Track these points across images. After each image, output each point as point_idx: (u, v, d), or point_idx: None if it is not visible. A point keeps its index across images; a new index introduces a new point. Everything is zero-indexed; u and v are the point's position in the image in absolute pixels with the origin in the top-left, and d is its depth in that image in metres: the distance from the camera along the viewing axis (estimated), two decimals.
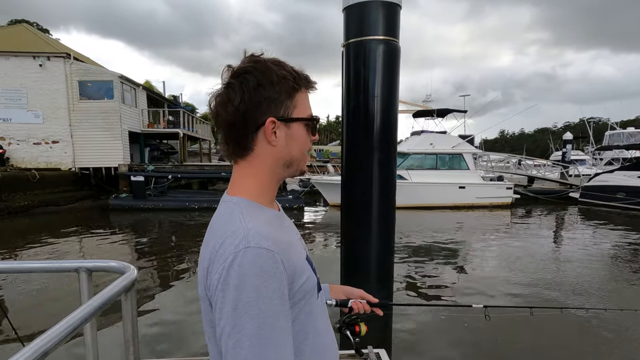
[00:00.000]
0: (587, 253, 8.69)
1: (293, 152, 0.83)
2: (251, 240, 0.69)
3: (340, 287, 1.25)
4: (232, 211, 0.77)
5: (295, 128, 0.82)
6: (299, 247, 0.85)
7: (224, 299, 0.67)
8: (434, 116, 19.80)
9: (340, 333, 1.23)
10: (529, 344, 4.08)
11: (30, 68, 15.84)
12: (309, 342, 0.81)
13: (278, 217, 0.85)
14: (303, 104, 0.83)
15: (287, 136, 0.81)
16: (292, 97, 0.80)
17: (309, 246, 8.14)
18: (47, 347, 0.84)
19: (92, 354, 1.64)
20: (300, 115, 0.82)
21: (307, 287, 0.79)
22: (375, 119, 3.06)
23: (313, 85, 0.85)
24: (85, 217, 13.46)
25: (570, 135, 27.15)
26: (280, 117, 0.79)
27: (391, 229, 3.30)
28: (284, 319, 0.70)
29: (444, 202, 15.79)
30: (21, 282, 6.13)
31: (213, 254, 0.72)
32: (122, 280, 1.44)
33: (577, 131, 44.88)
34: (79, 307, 1.11)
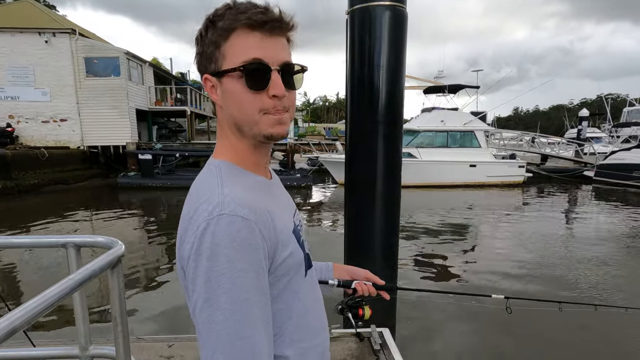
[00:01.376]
0: (602, 239, 8.49)
1: (233, 112, 0.71)
2: (225, 207, 0.63)
3: (345, 266, 1.17)
4: (211, 175, 0.71)
5: (227, 83, 0.69)
6: (285, 218, 0.76)
7: (196, 270, 0.62)
8: (445, 92, 19.31)
9: (342, 315, 1.14)
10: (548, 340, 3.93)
11: (36, 44, 15.78)
12: (293, 322, 0.75)
13: (264, 183, 0.77)
14: (235, 51, 0.67)
15: (223, 94, 0.71)
16: (219, 46, 0.68)
17: (315, 226, 8.16)
18: (22, 320, 0.84)
19: (82, 330, 1.62)
20: (230, 66, 0.67)
21: (291, 262, 0.72)
22: (381, 91, 2.92)
23: (256, 18, 0.65)
24: (94, 195, 13.64)
25: (587, 112, 26.33)
26: (212, 72, 0.71)
27: (396, 206, 3.20)
28: (261, 294, 0.64)
29: (454, 181, 15.59)
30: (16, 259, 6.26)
31: (187, 221, 0.67)
32: (108, 255, 1.40)
33: (594, 108, 43.57)
34: (61, 280, 1.08)
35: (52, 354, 1.74)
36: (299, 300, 0.76)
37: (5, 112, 15.97)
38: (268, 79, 0.68)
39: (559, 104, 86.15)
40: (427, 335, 4.07)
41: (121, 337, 1.47)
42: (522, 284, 5.47)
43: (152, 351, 2.62)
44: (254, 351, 0.62)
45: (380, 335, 2.80)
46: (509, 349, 3.81)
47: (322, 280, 1.08)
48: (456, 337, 4.05)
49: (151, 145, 16.25)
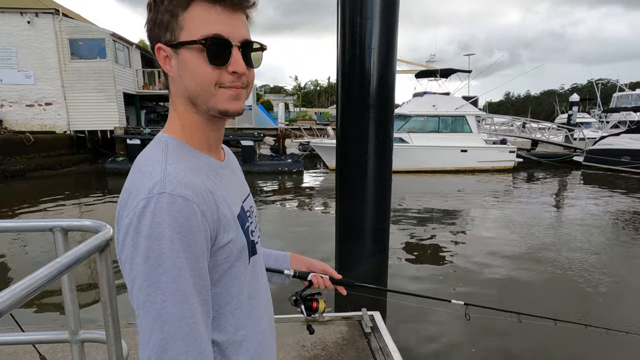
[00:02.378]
0: (586, 221, 8.65)
1: (187, 85, 0.68)
2: (167, 185, 0.61)
3: (303, 258, 1.15)
4: (157, 150, 0.69)
5: (184, 54, 0.67)
6: (231, 202, 0.73)
7: (135, 249, 0.60)
8: (437, 77, 19.25)
9: (296, 306, 1.14)
10: None
11: (19, 25, 15.27)
12: (230, 308, 0.74)
13: (212, 165, 0.74)
14: (195, 23, 0.65)
15: (179, 65, 0.68)
16: (176, 16, 0.65)
17: (307, 212, 8.11)
18: (8, 303, 0.82)
19: (72, 314, 1.60)
20: (190, 38, 0.65)
21: (232, 247, 0.70)
22: (372, 74, 2.88)
23: None
24: (82, 181, 13.46)
25: (577, 97, 26.43)
26: (166, 42, 0.67)
27: (387, 190, 3.21)
28: (201, 276, 0.63)
29: (445, 166, 15.68)
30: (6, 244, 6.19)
31: (126, 195, 0.64)
32: (96, 238, 1.38)
33: (584, 93, 43.87)
34: (48, 263, 1.06)
35: (41, 339, 1.73)
36: (239, 286, 0.74)
37: None
38: (229, 55, 0.67)
39: (550, 89, 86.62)
40: (417, 319, 4.14)
41: (111, 321, 1.46)
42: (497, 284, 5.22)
43: None
44: (193, 332, 0.61)
45: (371, 318, 2.84)
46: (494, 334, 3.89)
47: (277, 269, 1.08)
48: (446, 320, 4.12)
49: (140, 130, 16.01)
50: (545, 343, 3.68)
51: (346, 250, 3.22)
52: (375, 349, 2.50)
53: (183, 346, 0.60)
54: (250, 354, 0.78)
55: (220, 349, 0.73)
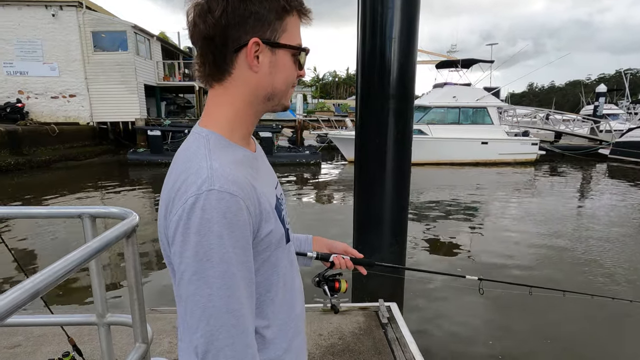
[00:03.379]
0: (610, 218, 8.39)
1: (276, 83, 0.73)
2: (215, 182, 0.63)
3: (324, 240, 1.18)
4: (199, 145, 0.70)
5: (282, 56, 0.72)
6: (270, 193, 0.77)
7: (184, 244, 0.62)
8: (458, 67, 18.82)
9: (319, 287, 1.16)
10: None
11: (44, 18, 15.65)
12: (271, 295, 0.77)
13: (250, 157, 0.76)
14: (293, 31, 0.72)
15: (271, 63, 0.71)
16: (282, 19, 0.69)
17: (325, 203, 8.18)
18: (44, 284, 0.85)
19: (99, 298, 1.66)
20: (290, 42, 0.71)
21: (272, 237, 0.73)
22: (392, 63, 2.85)
23: (306, 13, 0.74)
24: (104, 171, 13.81)
25: (604, 88, 25.50)
26: (266, 39, 0.69)
27: (406, 182, 3.19)
28: (247, 270, 0.66)
29: (465, 159, 15.41)
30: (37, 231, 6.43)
31: (174, 191, 0.66)
32: (123, 225, 1.42)
33: (612, 83, 42.19)
34: (79, 247, 1.10)
35: (70, 321, 1.79)
36: (277, 274, 0.77)
37: (15, 88, 16.04)
38: (304, 64, 0.77)
39: (576, 80, 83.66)
40: (433, 310, 4.13)
41: (137, 305, 1.51)
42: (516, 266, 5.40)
43: (166, 322, 2.70)
44: (239, 325, 0.64)
45: (388, 309, 2.84)
46: (511, 326, 3.85)
47: (300, 252, 1.10)
48: (462, 312, 4.10)
49: (160, 122, 16.27)
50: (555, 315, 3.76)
51: (364, 240, 3.22)
52: (392, 339, 2.51)
53: (229, 338, 0.63)
54: (288, 337, 0.81)
55: (261, 334, 0.76)
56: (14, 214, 1.99)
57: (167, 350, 2.39)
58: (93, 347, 2.34)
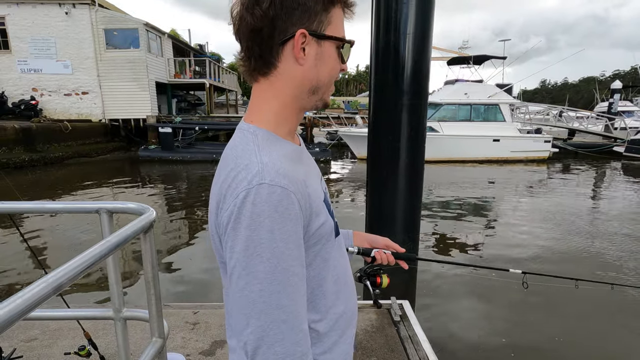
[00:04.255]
0: (628, 218, 8.22)
1: (321, 75, 0.72)
2: (266, 176, 0.62)
3: (365, 234, 1.16)
4: (247, 141, 0.69)
5: (328, 48, 0.71)
6: (318, 187, 0.76)
7: (235, 238, 0.62)
8: (470, 64, 18.60)
9: (361, 282, 1.14)
10: (568, 316, 3.90)
11: (57, 16, 15.85)
12: (323, 289, 0.76)
13: (297, 151, 0.76)
14: (338, 23, 0.71)
15: (317, 55, 0.70)
16: (328, 11, 0.69)
17: (335, 200, 8.18)
18: (66, 278, 0.85)
19: (116, 293, 1.67)
20: (335, 34, 0.71)
21: (323, 230, 0.72)
22: (407, 60, 2.82)
23: (350, 6, 0.73)
24: (116, 168, 13.99)
25: (619, 84, 24.94)
26: (312, 31, 0.68)
27: (419, 179, 3.16)
28: (299, 264, 0.65)
29: (477, 156, 15.25)
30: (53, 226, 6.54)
31: (225, 188, 0.66)
32: (141, 220, 1.43)
33: (627, 80, 41.37)
34: (98, 242, 1.11)
35: (87, 315, 1.81)
36: (328, 267, 0.76)
37: (29, 85, 16.29)
38: (348, 57, 0.77)
39: (590, 76, 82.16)
40: (446, 309, 4.10)
41: (154, 300, 1.51)
42: (541, 261, 5.39)
43: (179, 317, 2.72)
44: (289, 320, 0.63)
45: (400, 307, 2.83)
46: (525, 322, 3.81)
47: None
48: (474, 310, 4.06)
49: (171, 119, 16.40)
50: None
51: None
52: (405, 337, 2.49)
53: (279, 334, 0.62)
54: (341, 329, 0.80)
55: (314, 329, 0.75)
56: (33, 209, 2.03)
57: (181, 345, 2.41)
58: (108, 341, 2.37)
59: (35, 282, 0.79)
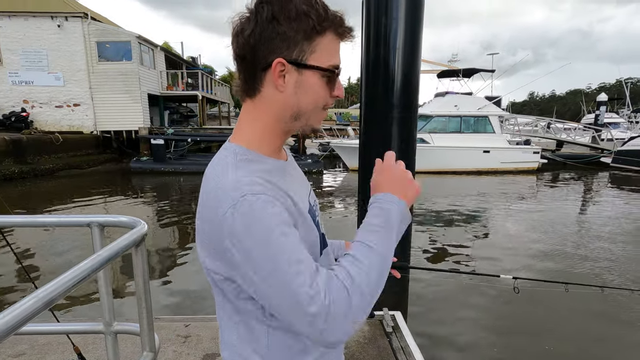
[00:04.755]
0: (618, 223, 8.36)
1: (302, 103, 0.73)
2: (245, 189, 0.65)
3: None
4: (226, 163, 0.71)
5: (309, 77, 0.71)
6: (305, 198, 0.78)
7: (240, 250, 0.64)
8: (459, 76, 18.93)
9: None
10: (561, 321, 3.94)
11: (49, 29, 15.85)
12: None
13: (280, 166, 0.77)
14: (325, 51, 0.71)
15: (297, 84, 0.71)
16: (311, 39, 0.69)
17: (327, 212, 8.17)
18: (57, 293, 0.86)
19: (107, 306, 1.66)
20: (318, 64, 0.71)
21: (307, 241, 0.73)
22: (396, 73, 2.87)
23: (346, 32, 0.73)
24: (107, 180, 13.85)
25: (605, 97, 25.52)
26: (291, 59, 0.69)
27: None
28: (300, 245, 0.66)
29: (467, 167, 15.42)
30: (43, 240, 6.43)
31: (207, 209, 0.68)
32: (132, 234, 1.43)
33: (612, 92, 42.33)
34: (90, 257, 1.11)
35: (76, 329, 1.80)
36: None
37: (20, 97, 16.18)
38: (336, 81, 0.76)
39: (576, 89, 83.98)
40: (438, 318, 4.10)
41: (145, 313, 1.51)
42: (532, 269, 5.45)
43: (170, 330, 2.69)
44: (301, 268, 0.63)
45: (393, 317, 2.83)
46: (517, 330, 3.83)
47: (334, 257, 1.10)
48: (466, 319, 4.07)
49: (163, 130, 16.35)
50: None
51: None
52: (397, 348, 2.50)
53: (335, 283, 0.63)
54: None
55: (303, 340, 0.75)
56: (23, 222, 2.01)
57: (172, 358, 2.38)
58: (98, 355, 2.34)
59: (26, 298, 0.79)
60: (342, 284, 0.64)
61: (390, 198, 0.77)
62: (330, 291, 0.62)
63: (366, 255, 0.69)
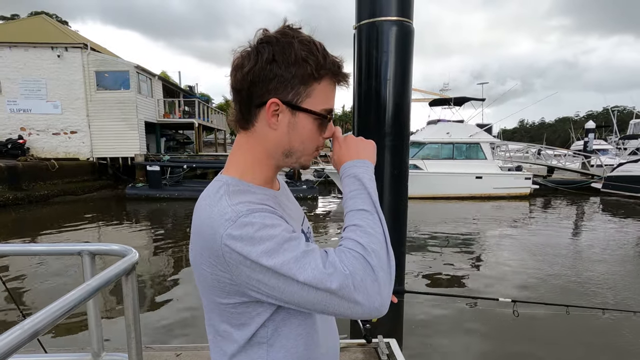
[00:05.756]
0: (611, 248, 8.40)
1: (293, 142, 0.75)
2: (241, 210, 0.66)
3: None
4: (218, 194, 0.72)
5: (302, 119, 0.74)
6: (296, 227, 0.79)
7: (248, 267, 0.64)
8: (451, 105, 19.38)
9: (350, 319, 1.15)
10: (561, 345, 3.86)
11: (49, 59, 16.13)
12: (292, 327, 0.77)
13: (271, 195, 0.79)
14: (320, 96, 0.74)
15: (290, 124, 0.74)
16: (307, 84, 0.72)
17: (322, 237, 8.10)
18: (44, 324, 0.86)
19: (95, 336, 1.64)
20: (313, 108, 0.73)
21: None
22: (388, 104, 2.96)
23: (342, 78, 0.75)
24: (102, 206, 13.74)
25: (593, 124, 26.16)
26: (286, 101, 0.72)
27: (403, 216, 3.22)
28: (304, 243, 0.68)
29: (460, 193, 15.52)
30: (34, 268, 6.32)
31: (206, 238, 0.68)
32: (123, 262, 1.43)
33: (600, 120, 43.37)
34: (79, 286, 1.11)
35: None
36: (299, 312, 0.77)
37: (17, 125, 16.26)
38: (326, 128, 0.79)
39: (565, 117, 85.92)
40: (434, 344, 4.03)
41: (134, 343, 1.49)
42: (529, 292, 5.40)
43: (161, 359, 2.63)
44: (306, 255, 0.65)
45: (387, 345, 2.79)
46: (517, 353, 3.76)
47: None
48: (462, 344, 4.00)
49: (159, 157, 16.40)
50: None
51: None
52: None
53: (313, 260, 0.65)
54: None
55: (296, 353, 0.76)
56: (14, 251, 2.00)
57: None
58: None
59: (12, 329, 0.78)
60: (354, 252, 0.66)
61: (353, 163, 0.82)
62: (345, 264, 0.64)
63: (360, 217, 0.72)
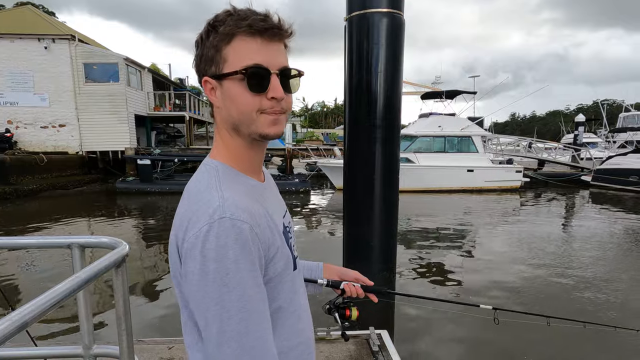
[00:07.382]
0: (599, 240, 8.53)
1: (232, 112, 0.73)
2: (227, 210, 0.65)
3: (335, 267, 1.18)
4: (209, 177, 0.73)
5: (229, 86, 0.72)
6: (276, 220, 0.79)
7: (202, 272, 0.63)
8: (442, 98, 19.43)
9: (330, 315, 1.16)
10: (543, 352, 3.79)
11: (36, 51, 15.83)
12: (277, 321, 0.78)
13: (257, 187, 0.79)
14: (237, 55, 0.70)
15: (223, 95, 0.74)
16: (220, 50, 0.71)
17: (314, 230, 8.12)
18: (32, 315, 0.84)
19: (86, 329, 1.64)
20: (230, 70, 0.70)
21: (280, 263, 0.75)
22: (379, 95, 2.97)
23: (260, 26, 0.69)
24: (92, 200, 13.61)
25: (583, 118, 26.49)
26: (212, 74, 0.73)
27: (394, 208, 3.24)
28: (262, 291, 0.68)
29: (452, 186, 15.65)
30: (23, 262, 6.26)
31: (186, 221, 0.68)
32: (113, 255, 1.42)
33: (590, 113, 43.92)
34: (66, 279, 1.10)
35: (55, 353, 1.75)
36: (283, 300, 0.78)
37: (4, 117, 15.98)
38: (268, 82, 0.71)
39: (556, 110, 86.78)
40: (425, 338, 4.09)
41: (125, 336, 1.49)
42: (515, 292, 5.37)
43: (153, 353, 2.63)
44: (258, 345, 0.65)
45: (379, 336, 2.82)
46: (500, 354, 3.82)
47: (311, 279, 1.10)
48: (454, 339, 4.06)
49: (150, 151, 16.25)
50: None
51: (354, 269, 3.23)
52: None
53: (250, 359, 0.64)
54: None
55: None
56: (2, 244, 1.98)
57: None
58: None
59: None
60: None
61: None
62: None
63: None
